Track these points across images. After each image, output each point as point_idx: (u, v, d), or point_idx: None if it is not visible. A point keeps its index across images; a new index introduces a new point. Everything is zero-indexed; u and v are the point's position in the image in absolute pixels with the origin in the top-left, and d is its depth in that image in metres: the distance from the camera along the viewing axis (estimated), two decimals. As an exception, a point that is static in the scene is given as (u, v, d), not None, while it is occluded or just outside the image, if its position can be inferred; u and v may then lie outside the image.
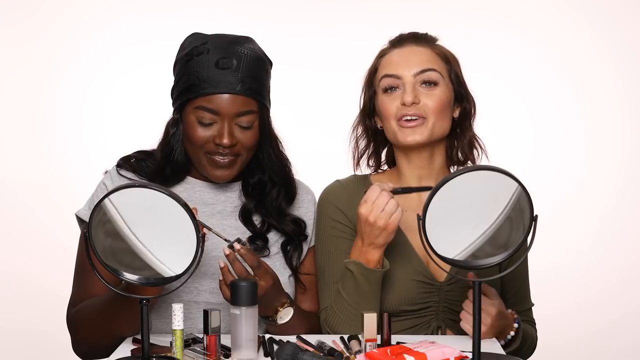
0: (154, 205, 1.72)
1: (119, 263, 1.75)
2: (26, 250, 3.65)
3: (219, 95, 2.02)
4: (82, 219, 2.09)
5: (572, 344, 3.64)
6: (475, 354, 1.76)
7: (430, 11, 3.65)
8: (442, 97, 2.08)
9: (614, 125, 3.80)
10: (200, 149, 2.05)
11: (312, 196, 2.23)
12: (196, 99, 2.03)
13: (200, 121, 2.03)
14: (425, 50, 2.11)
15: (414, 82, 2.07)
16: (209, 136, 2.04)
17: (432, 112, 2.07)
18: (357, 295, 2.01)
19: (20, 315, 3.66)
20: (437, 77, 2.08)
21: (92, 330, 1.98)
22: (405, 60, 2.09)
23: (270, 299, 1.99)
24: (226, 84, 2.03)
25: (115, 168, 2.13)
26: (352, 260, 2.01)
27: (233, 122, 2.04)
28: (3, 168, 3.70)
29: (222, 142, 2.02)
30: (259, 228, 2.13)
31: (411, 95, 2.06)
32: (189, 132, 2.05)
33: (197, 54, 2.05)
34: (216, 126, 2.04)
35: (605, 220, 3.79)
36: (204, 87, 2.02)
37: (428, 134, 2.07)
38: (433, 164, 2.13)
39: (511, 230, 1.75)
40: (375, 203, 1.95)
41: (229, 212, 2.14)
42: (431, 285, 2.09)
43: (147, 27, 3.64)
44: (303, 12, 3.75)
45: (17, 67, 3.70)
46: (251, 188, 2.15)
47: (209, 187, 2.15)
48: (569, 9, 3.77)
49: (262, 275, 1.94)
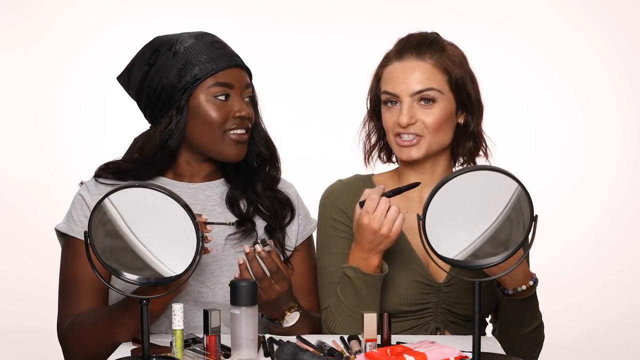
0: (154, 205, 1.73)
1: (118, 263, 1.75)
2: (26, 250, 3.65)
3: (230, 70, 2.08)
4: (62, 233, 2.08)
5: (571, 344, 3.64)
6: (475, 354, 1.76)
7: (430, 11, 3.65)
8: (440, 114, 2.06)
9: (614, 125, 3.80)
10: (219, 128, 2.06)
11: (294, 190, 2.23)
12: (208, 77, 2.06)
13: (217, 97, 2.06)
14: (425, 65, 2.06)
15: (411, 101, 2.06)
16: (226, 113, 2.06)
17: (430, 130, 2.05)
18: (355, 299, 2.01)
19: (20, 314, 3.66)
20: (435, 95, 2.05)
21: (91, 343, 1.97)
22: (403, 79, 2.06)
23: (281, 303, 1.99)
24: (231, 59, 2.09)
25: (93, 179, 2.12)
26: (350, 265, 2.01)
27: (243, 96, 2.09)
28: (3, 168, 3.71)
29: (242, 114, 2.06)
30: (245, 212, 2.14)
31: (407, 116, 2.04)
32: (206, 114, 2.06)
33: (184, 44, 2.08)
34: (230, 102, 2.07)
35: (604, 220, 3.79)
36: (213, 65, 2.06)
37: (424, 152, 2.07)
38: (435, 170, 2.13)
39: (511, 230, 1.75)
40: (377, 211, 1.95)
41: (209, 210, 2.13)
42: (430, 286, 2.09)
43: (147, 27, 3.60)
44: (303, 12, 3.76)
45: (17, 67, 3.71)
46: (238, 171, 2.15)
47: (187, 188, 2.13)
48: (569, 9, 3.77)
49: (279, 280, 1.94)
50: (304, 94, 3.67)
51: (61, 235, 2.09)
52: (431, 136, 2.06)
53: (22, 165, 3.71)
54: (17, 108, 3.72)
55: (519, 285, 2.00)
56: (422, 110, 2.06)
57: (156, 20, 3.64)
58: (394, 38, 2.15)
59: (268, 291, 1.94)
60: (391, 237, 1.96)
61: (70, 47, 3.72)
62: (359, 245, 1.99)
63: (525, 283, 2.00)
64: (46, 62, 3.72)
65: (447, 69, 2.06)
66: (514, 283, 1.99)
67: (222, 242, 2.09)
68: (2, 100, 3.71)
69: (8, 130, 3.72)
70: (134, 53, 2.14)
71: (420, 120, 2.05)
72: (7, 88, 3.71)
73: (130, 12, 3.72)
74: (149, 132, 2.12)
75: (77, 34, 3.72)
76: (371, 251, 1.98)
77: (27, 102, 3.72)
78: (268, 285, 1.94)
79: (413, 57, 2.07)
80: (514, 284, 2.00)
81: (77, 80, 3.73)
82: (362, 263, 1.99)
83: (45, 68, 3.72)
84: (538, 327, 2.08)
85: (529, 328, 2.06)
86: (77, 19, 3.72)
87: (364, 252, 1.99)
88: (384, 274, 2.01)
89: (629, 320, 3.75)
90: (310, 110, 3.67)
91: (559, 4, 3.77)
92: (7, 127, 3.71)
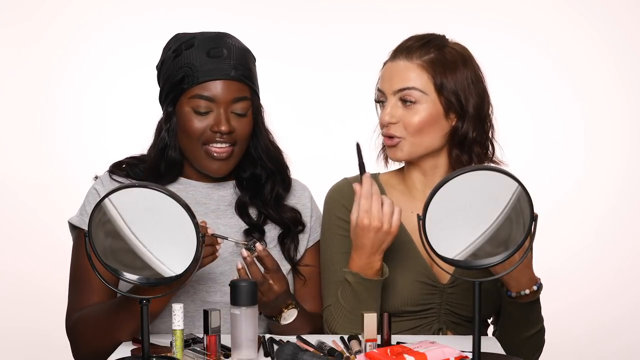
0: (154, 205, 1.73)
1: (119, 263, 1.75)
2: (26, 250, 3.65)
3: (214, 82, 2.03)
4: (75, 226, 2.08)
5: (570, 344, 3.64)
6: (475, 354, 1.76)
7: (430, 11, 3.65)
8: (423, 116, 2.04)
9: (614, 125, 3.80)
10: (197, 140, 2.04)
11: (308, 193, 2.23)
12: (191, 88, 2.03)
13: (197, 110, 2.03)
14: (411, 65, 2.04)
15: (395, 100, 2.05)
16: (205, 126, 2.03)
17: (409, 132, 2.04)
18: (355, 302, 2.01)
19: (20, 315, 3.66)
20: (417, 95, 2.03)
21: (95, 337, 1.97)
22: (389, 77, 2.07)
23: (279, 302, 2.00)
24: (220, 71, 2.03)
25: (108, 173, 2.12)
26: (350, 270, 2.00)
27: (229, 110, 2.04)
28: (3, 168, 3.71)
29: (221, 129, 2.02)
30: (256, 220, 2.13)
31: (388, 115, 2.04)
32: (185, 124, 2.04)
33: (186, 48, 2.06)
34: (212, 115, 2.03)
35: (604, 219, 3.79)
36: (198, 75, 2.03)
37: (407, 153, 2.06)
38: (437, 170, 2.12)
39: (511, 230, 1.75)
40: (374, 209, 1.95)
41: (222, 210, 2.14)
42: (434, 287, 2.09)
43: (147, 28, 3.63)
44: (303, 12, 3.75)
45: (17, 67, 3.70)
46: (245, 182, 2.15)
47: (202, 187, 2.14)
48: (569, 9, 3.77)
49: (277, 280, 1.95)
50: (303, 94, 3.67)
51: (73, 228, 2.10)
52: (412, 138, 2.05)
53: (22, 165, 3.71)
54: (17, 108, 3.72)
55: (522, 289, 1.99)
56: (404, 111, 2.05)
57: (156, 20, 3.64)
58: (393, 38, 2.15)
59: (268, 293, 1.96)
60: (392, 232, 1.96)
61: (70, 47, 3.72)
62: (360, 250, 1.98)
63: (529, 287, 1.99)
64: (46, 62, 3.72)
65: (434, 70, 2.04)
66: (518, 286, 1.99)
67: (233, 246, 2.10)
68: (2, 100, 3.71)
69: (8, 130, 3.72)
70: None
71: (402, 121, 2.04)
72: (7, 88, 3.71)
73: (130, 12, 3.72)
74: (153, 141, 2.12)
75: (77, 34, 3.72)
76: (374, 253, 1.97)
77: (27, 102, 3.72)
78: (267, 289, 1.95)
79: (402, 57, 2.07)
80: (518, 287, 1.99)
81: (77, 80, 3.73)
82: (364, 268, 1.99)
83: (45, 68, 3.72)
84: (539, 332, 2.08)
85: (530, 332, 2.06)
86: (77, 19, 3.72)
87: (365, 257, 1.98)
88: (384, 277, 2.01)
89: (628, 320, 3.75)
90: (310, 110, 3.67)
91: (559, 4, 3.77)
92: (7, 127, 3.71)
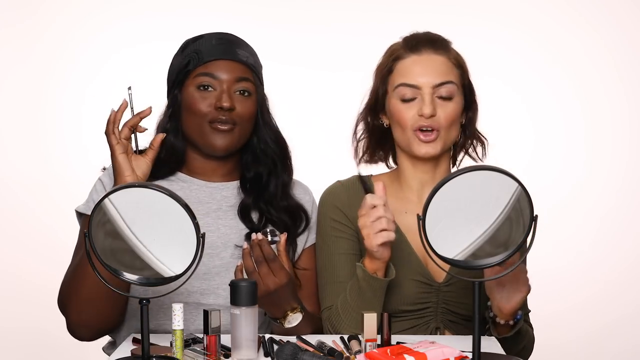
0: (154, 205, 1.73)
1: (119, 263, 1.75)
2: (26, 250, 3.65)
3: (218, 61, 2.10)
4: (81, 213, 2.11)
5: (571, 344, 3.64)
6: (475, 354, 1.76)
7: (430, 11, 3.65)
8: (456, 109, 2.07)
9: (614, 125, 3.80)
10: (202, 118, 2.08)
11: (310, 197, 2.23)
12: (195, 68, 2.10)
13: (201, 86, 2.09)
14: (443, 59, 2.08)
15: (432, 93, 2.06)
16: (209, 103, 2.08)
17: (445, 125, 2.06)
18: (359, 299, 2.01)
19: (20, 314, 3.66)
20: (453, 90, 2.06)
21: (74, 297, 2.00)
22: (424, 71, 2.06)
23: (282, 299, 1.98)
24: (225, 52, 2.11)
25: None
26: (361, 265, 2.00)
27: (232, 89, 2.09)
28: (3, 168, 3.71)
29: (222, 104, 2.06)
30: (257, 224, 2.14)
31: (430, 107, 2.04)
32: (191, 103, 2.09)
33: (193, 41, 2.15)
34: (216, 93, 2.08)
35: (604, 220, 3.79)
36: (203, 57, 2.10)
37: (441, 147, 2.08)
38: (438, 169, 2.13)
39: (511, 230, 1.75)
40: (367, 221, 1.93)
41: (224, 211, 2.14)
42: (429, 285, 2.09)
43: (147, 28, 3.64)
44: (303, 12, 3.76)
45: (17, 67, 3.70)
46: (249, 184, 2.16)
47: (205, 186, 2.16)
48: (569, 9, 3.77)
49: (276, 270, 1.95)
50: (303, 94, 3.67)
51: (79, 216, 2.14)
52: (445, 132, 2.07)
53: (22, 165, 3.71)
54: (17, 108, 3.72)
55: (502, 319, 1.99)
56: (440, 103, 2.06)
57: (156, 20, 3.64)
58: (394, 38, 2.15)
59: (266, 279, 1.94)
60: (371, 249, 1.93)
61: (70, 47, 3.72)
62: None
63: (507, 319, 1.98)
64: (46, 62, 3.72)
65: (460, 65, 2.10)
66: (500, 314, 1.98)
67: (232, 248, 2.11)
68: (2, 100, 3.71)
69: (8, 130, 3.71)
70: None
71: (438, 114, 2.06)
72: (7, 88, 3.71)
73: (130, 12, 3.72)
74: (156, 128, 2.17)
75: (77, 34, 3.72)
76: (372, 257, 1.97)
77: (27, 102, 3.72)
78: (266, 272, 1.94)
79: (431, 51, 2.08)
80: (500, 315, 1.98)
81: (77, 80, 3.73)
82: (370, 265, 1.99)
83: (45, 68, 3.72)
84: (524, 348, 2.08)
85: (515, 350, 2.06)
86: (77, 19, 3.72)
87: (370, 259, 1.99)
88: (388, 279, 2.00)
89: (630, 321, 3.74)
90: (310, 110, 3.67)
91: (559, 4, 3.77)
92: (7, 127, 3.71)
